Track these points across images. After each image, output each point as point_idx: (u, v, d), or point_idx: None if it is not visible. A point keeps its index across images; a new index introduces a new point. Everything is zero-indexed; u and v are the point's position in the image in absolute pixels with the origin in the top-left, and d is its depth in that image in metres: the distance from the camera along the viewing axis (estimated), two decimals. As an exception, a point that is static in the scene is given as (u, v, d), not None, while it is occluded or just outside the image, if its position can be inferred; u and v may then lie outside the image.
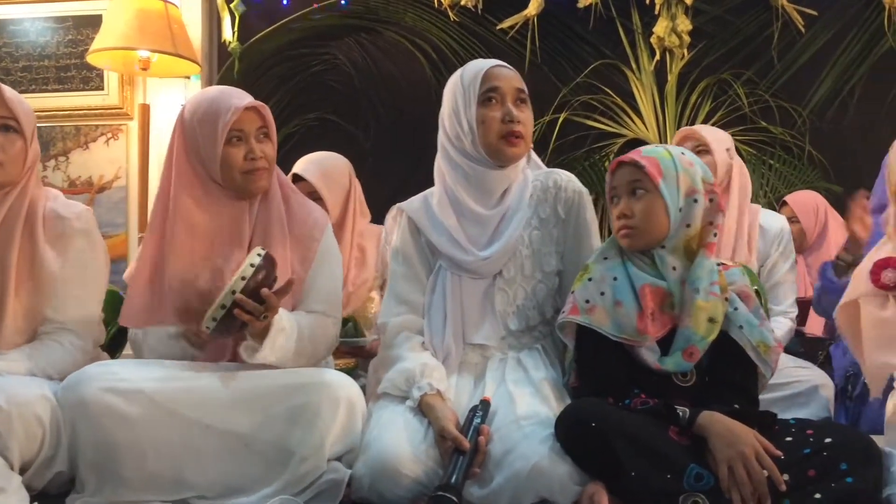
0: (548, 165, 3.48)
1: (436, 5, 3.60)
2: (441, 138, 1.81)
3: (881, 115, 3.31)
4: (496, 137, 1.73)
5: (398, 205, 1.87)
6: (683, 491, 1.39)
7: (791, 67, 3.45)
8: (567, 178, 1.83)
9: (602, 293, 1.59)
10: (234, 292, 1.49)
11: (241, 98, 1.73)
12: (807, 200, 3.03)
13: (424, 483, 1.47)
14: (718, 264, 1.65)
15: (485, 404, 1.55)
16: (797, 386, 2.05)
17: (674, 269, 1.60)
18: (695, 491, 1.39)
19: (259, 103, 1.75)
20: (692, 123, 3.47)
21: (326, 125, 3.73)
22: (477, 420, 1.50)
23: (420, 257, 1.79)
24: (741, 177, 2.35)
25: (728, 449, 1.39)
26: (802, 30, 3.40)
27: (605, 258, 1.64)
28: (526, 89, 1.79)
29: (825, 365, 2.31)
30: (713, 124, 3.44)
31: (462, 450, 1.44)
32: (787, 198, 3.11)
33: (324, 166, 2.46)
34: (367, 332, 2.26)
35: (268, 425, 1.52)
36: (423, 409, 1.57)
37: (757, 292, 1.90)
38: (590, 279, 1.62)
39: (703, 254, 1.60)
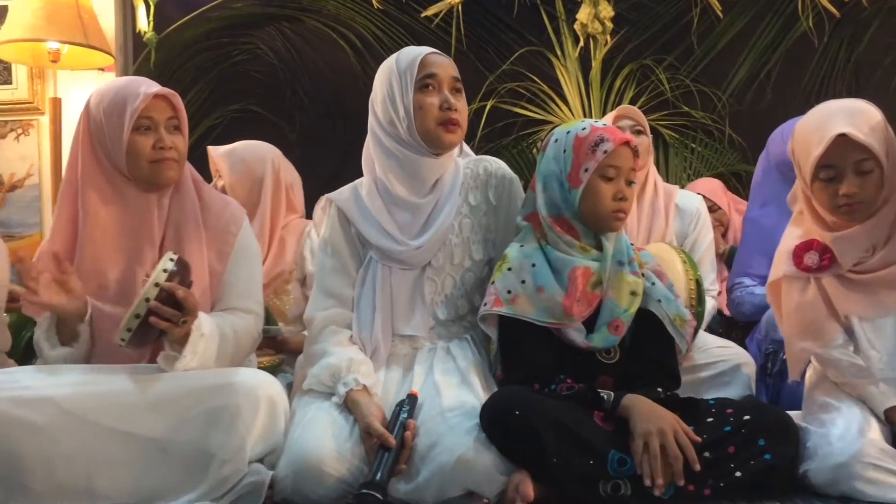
0: (476, 153, 3.53)
1: (359, -7, 3.56)
2: (373, 125, 1.77)
3: (797, 98, 3.40)
4: (434, 124, 1.70)
5: (327, 196, 1.83)
6: (606, 476, 1.41)
7: (710, 52, 3.51)
8: (497, 166, 1.82)
9: (523, 281, 1.59)
10: (147, 300, 1.43)
11: (151, 86, 1.67)
12: (712, 186, 3.09)
13: (349, 481, 1.44)
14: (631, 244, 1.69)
15: (412, 398, 1.54)
16: (721, 366, 2.08)
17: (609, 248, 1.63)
18: (617, 476, 1.41)
19: (170, 91, 1.69)
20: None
21: (250, 117, 3.63)
22: (403, 415, 1.48)
23: (350, 249, 1.75)
24: (652, 158, 2.39)
25: (646, 424, 1.42)
26: (720, 15, 3.46)
27: (522, 245, 1.65)
28: (460, 78, 1.78)
29: (741, 343, 2.36)
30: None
31: (388, 446, 1.42)
32: (688, 186, 3.14)
33: (235, 151, 2.38)
34: (280, 323, 2.21)
35: (185, 429, 1.47)
36: (349, 406, 1.55)
37: (697, 281, 1.94)
38: (509, 269, 1.62)
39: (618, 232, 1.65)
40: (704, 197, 2.55)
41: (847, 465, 1.40)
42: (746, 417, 1.46)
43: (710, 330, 2.44)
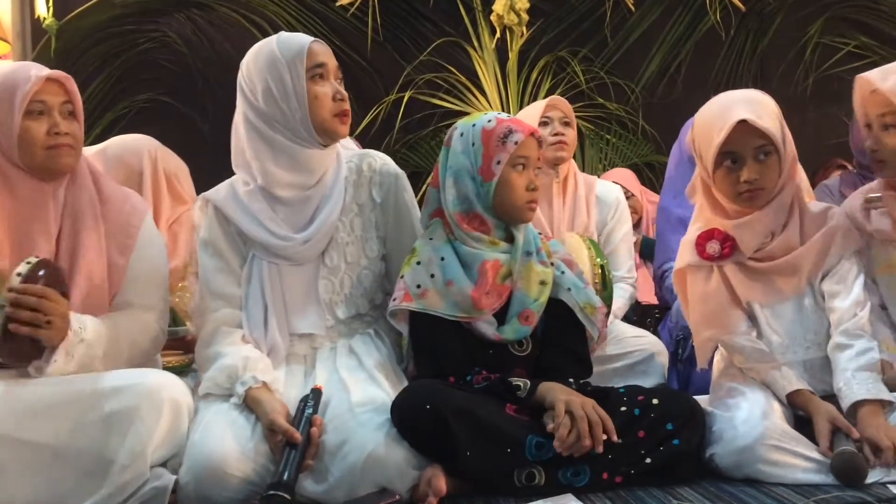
0: (394, 145, 3.53)
1: (270, -21, 3.47)
2: (250, 117, 1.68)
3: (706, 90, 3.45)
4: (330, 115, 1.66)
5: (203, 194, 1.76)
6: (523, 463, 1.40)
7: (623, 45, 3.58)
8: (381, 161, 1.77)
9: (432, 275, 1.57)
10: (2, 307, 1.35)
11: (42, 69, 1.58)
12: (626, 175, 3.15)
13: (255, 482, 1.39)
14: (539, 234, 1.70)
15: (316, 393, 1.49)
16: (636, 355, 2.12)
17: (520, 239, 1.62)
18: (536, 461, 1.41)
19: (62, 74, 1.59)
20: (534, 100, 3.52)
21: (159, 107, 3.51)
22: (308, 410, 1.44)
23: (231, 248, 1.69)
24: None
25: (566, 395, 1.44)
26: (632, 8, 3.53)
27: (431, 238, 1.63)
28: None
29: (654, 331, 2.41)
30: (554, 102, 3.52)
31: (293, 443, 1.38)
32: (608, 177, 3.19)
33: (108, 147, 2.28)
34: (187, 322, 2.13)
35: (80, 434, 1.39)
36: (250, 405, 1.49)
37: (603, 268, 1.96)
38: (418, 262, 1.59)
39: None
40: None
41: (751, 447, 1.43)
42: (655, 402, 1.48)
43: (625, 318, 2.48)
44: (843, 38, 3.58)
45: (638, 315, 2.61)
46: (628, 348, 2.12)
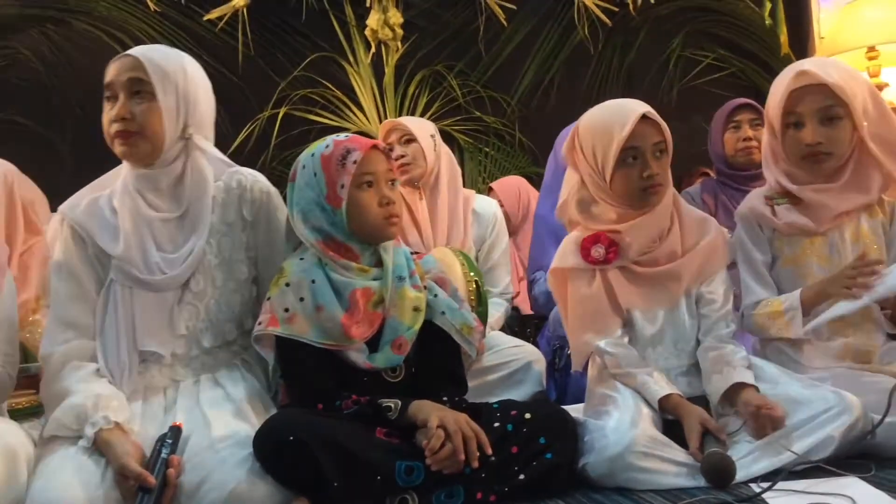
0: (271, 162, 3.44)
1: (132, -6, 3.33)
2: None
3: (578, 102, 3.53)
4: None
5: (60, 208, 1.61)
6: (394, 490, 1.36)
7: (497, 59, 3.62)
8: (253, 179, 1.68)
9: (301, 298, 1.51)
10: None
11: None
12: (510, 185, 3.19)
13: (106, 532, 1.29)
14: (413, 253, 1.66)
15: (175, 431, 1.40)
16: (513, 365, 2.11)
17: (389, 261, 1.58)
18: (407, 486, 1.37)
19: None
20: (412, 114, 3.53)
21: (13, 129, 3.28)
22: (165, 450, 1.34)
23: (88, 271, 1.56)
24: (449, 162, 2.38)
25: (439, 412, 1.41)
26: (504, 23, 3.58)
27: (302, 258, 1.56)
28: None
29: (534, 340, 2.43)
30: (431, 115, 3.53)
31: (147, 487, 1.28)
32: (493, 184, 3.24)
33: None
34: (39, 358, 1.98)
35: None
36: (101, 447, 1.38)
37: (477, 283, 1.95)
38: (287, 284, 1.53)
39: (394, 244, 1.61)
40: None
41: (621, 456, 1.44)
42: (528, 416, 1.47)
43: (506, 328, 2.49)
44: (703, 51, 3.75)
45: (518, 325, 2.62)
46: (506, 358, 2.11)
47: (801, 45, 3.86)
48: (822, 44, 3.83)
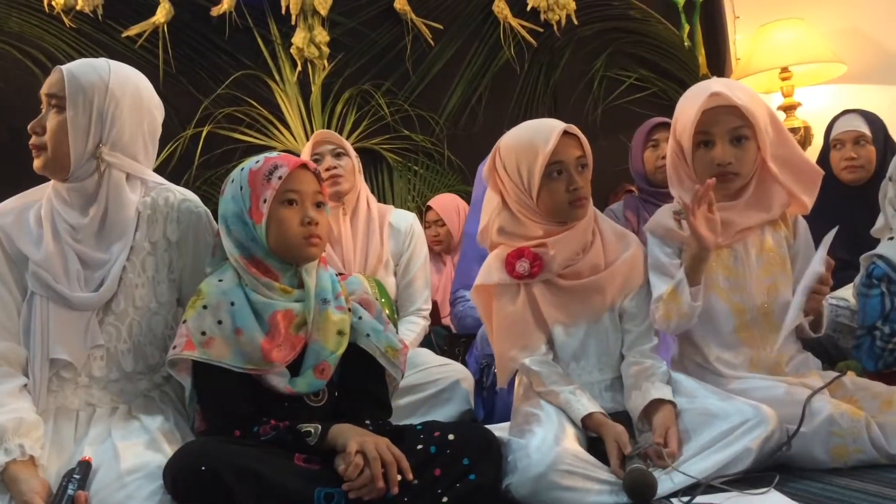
0: (195, 181, 3.35)
1: (46, 10, 3.20)
2: None
3: (505, 121, 3.59)
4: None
5: None
6: (314, 518, 1.32)
7: (425, 78, 3.62)
8: (182, 198, 1.65)
9: (220, 321, 1.46)
10: None
11: None
12: (448, 203, 3.19)
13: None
14: (338, 274, 1.63)
15: (83, 466, 1.33)
16: (440, 383, 2.10)
17: (311, 284, 1.54)
18: (327, 513, 1.34)
19: None
20: (339, 133, 3.48)
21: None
22: (72, 488, 1.28)
23: (15, 278, 1.51)
24: (362, 180, 2.38)
25: (359, 437, 1.38)
26: (431, 43, 3.59)
27: (221, 280, 1.52)
28: None
29: (462, 359, 2.42)
30: (359, 133, 3.51)
31: (51, 527, 1.22)
32: (431, 202, 3.25)
33: None
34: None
35: None
36: (6, 481, 1.30)
37: (385, 305, 1.93)
38: (204, 306, 1.48)
39: (320, 266, 1.58)
40: None
41: (544, 475, 1.43)
42: (451, 437, 1.45)
43: (434, 346, 2.47)
44: (626, 72, 3.83)
45: (447, 344, 2.61)
46: (433, 377, 2.10)
47: (719, 66, 3.98)
48: (738, 65, 3.97)
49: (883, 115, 2.63)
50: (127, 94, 1.56)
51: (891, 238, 1.91)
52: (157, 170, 3.15)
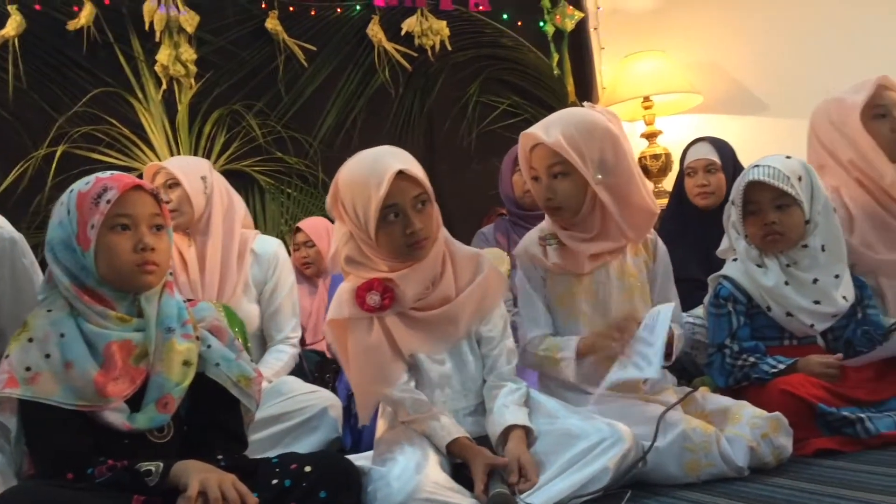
0: (47, 203, 3.14)
1: None
2: None
3: (381, 143, 3.51)
4: None
5: None
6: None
7: (298, 100, 3.56)
8: None
9: (48, 355, 1.35)
10: None
11: None
12: (318, 225, 3.13)
13: None
14: (186, 300, 1.54)
15: None
16: (308, 411, 2.03)
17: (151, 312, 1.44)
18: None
19: None
20: (208, 154, 3.38)
21: None
22: None
23: None
24: (226, 198, 2.26)
25: (202, 473, 1.29)
26: (305, 64, 3.54)
27: (50, 311, 1.40)
28: None
29: (333, 386, 2.36)
30: (229, 155, 3.40)
31: None
32: (300, 223, 3.17)
33: None
34: None
35: None
36: None
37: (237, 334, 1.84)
38: (30, 339, 1.36)
39: (166, 293, 1.48)
40: None
41: (405, 503, 1.41)
42: (308, 469, 1.40)
43: (304, 374, 2.39)
44: (499, 98, 3.91)
45: (318, 369, 2.54)
46: (300, 405, 2.03)
47: (586, 93, 4.13)
48: (604, 93, 4.12)
49: (736, 142, 2.78)
50: None
51: (734, 259, 2.01)
52: (7, 191, 3.01)
